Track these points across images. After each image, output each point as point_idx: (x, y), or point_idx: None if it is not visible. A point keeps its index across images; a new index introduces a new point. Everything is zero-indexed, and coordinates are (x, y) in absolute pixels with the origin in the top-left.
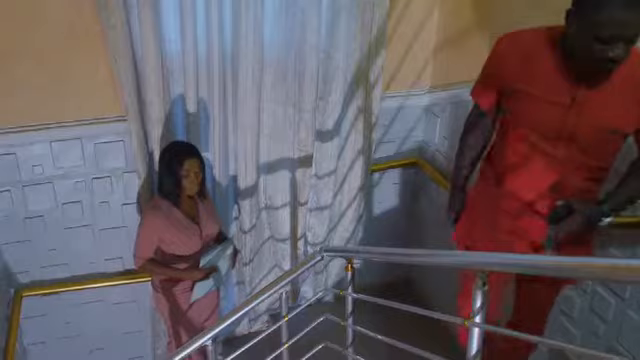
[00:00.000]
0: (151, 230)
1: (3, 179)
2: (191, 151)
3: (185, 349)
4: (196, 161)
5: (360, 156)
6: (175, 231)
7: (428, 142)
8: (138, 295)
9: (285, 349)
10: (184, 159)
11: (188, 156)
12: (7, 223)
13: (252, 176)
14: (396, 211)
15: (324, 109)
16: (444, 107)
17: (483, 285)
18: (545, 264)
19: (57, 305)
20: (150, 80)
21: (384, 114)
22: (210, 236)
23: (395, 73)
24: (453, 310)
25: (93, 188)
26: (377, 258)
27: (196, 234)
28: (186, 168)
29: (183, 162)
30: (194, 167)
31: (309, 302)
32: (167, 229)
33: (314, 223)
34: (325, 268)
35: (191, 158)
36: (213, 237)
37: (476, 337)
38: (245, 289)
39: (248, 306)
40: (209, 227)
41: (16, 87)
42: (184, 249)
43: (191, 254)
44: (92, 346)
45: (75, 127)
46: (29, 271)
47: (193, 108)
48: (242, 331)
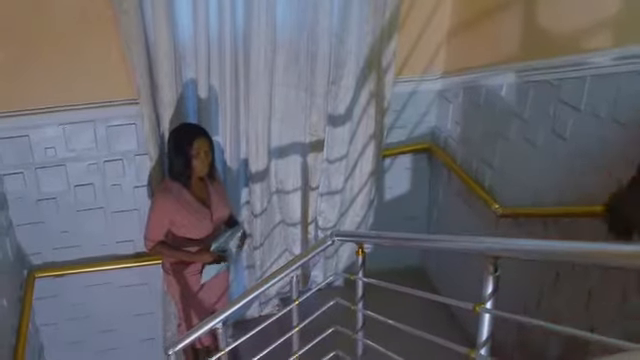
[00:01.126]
0: (162, 213)
1: (16, 161)
2: (200, 131)
3: (195, 332)
4: (205, 141)
5: (372, 141)
6: (186, 214)
7: (440, 128)
8: (149, 277)
9: (295, 332)
10: (193, 139)
11: (197, 136)
12: (20, 205)
13: (263, 160)
14: (407, 197)
15: (336, 93)
16: (457, 92)
17: (494, 271)
18: (553, 249)
19: (69, 286)
20: (162, 64)
21: (396, 99)
22: (221, 219)
23: (408, 58)
24: (463, 298)
25: (105, 171)
26: (388, 243)
27: (207, 217)
28: (195, 148)
29: (192, 142)
30: (203, 146)
31: (319, 286)
32: (178, 212)
33: (325, 208)
34: (336, 253)
35: (200, 138)
36: (224, 220)
37: (487, 323)
38: (255, 273)
39: (259, 290)
40: (220, 210)
41: (29, 70)
42: (195, 232)
43: (202, 237)
44: (103, 327)
45: (87, 110)
46: (41, 253)
47: (205, 92)
48: (252, 314)
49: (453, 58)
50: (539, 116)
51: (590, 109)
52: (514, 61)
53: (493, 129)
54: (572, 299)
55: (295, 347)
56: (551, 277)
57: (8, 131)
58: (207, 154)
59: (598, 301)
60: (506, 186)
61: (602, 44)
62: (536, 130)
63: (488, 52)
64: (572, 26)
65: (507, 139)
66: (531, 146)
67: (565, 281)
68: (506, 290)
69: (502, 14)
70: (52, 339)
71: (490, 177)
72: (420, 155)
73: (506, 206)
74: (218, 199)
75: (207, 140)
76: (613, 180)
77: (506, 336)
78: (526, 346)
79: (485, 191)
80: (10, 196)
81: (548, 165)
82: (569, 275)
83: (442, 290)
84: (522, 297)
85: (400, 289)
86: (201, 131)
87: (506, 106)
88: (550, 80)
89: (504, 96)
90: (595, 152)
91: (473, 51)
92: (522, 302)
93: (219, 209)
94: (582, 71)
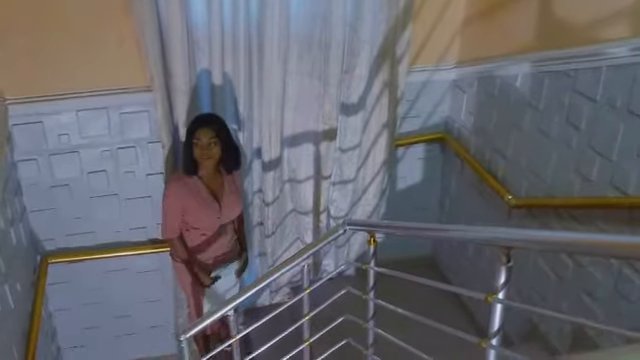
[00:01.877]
0: (175, 199)
1: (30, 147)
2: (206, 120)
3: (207, 318)
4: (208, 131)
5: (385, 130)
6: (195, 202)
7: (454, 117)
8: (161, 264)
9: (306, 321)
10: (196, 127)
11: (201, 125)
12: (34, 191)
13: (276, 148)
14: (420, 186)
15: (349, 82)
16: (471, 82)
17: (507, 261)
18: (567, 240)
19: (82, 272)
20: (175, 50)
21: (410, 89)
22: (229, 216)
23: (422, 47)
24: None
25: (118, 158)
26: (400, 232)
27: (215, 210)
28: (197, 136)
29: (195, 130)
30: (206, 136)
31: (330, 275)
32: (188, 198)
33: (337, 197)
34: (347, 242)
35: (204, 127)
36: (233, 218)
37: (498, 313)
38: (267, 261)
39: (270, 278)
40: (230, 206)
41: (42, 57)
42: (202, 223)
43: (209, 229)
44: (116, 313)
45: (101, 97)
46: (55, 239)
47: (218, 80)
48: (263, 302)
49: (468, 48)
50: (554, 107)
51: (606, 100)
52: (529, 51)
53: (507, 119)
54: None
55: (306, 335)
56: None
57: (22, 117)
58: (211, 144)
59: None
60: (519, 177)
61: (619, 34)
62: (550, 121)
63: (503, 42)
64: (588, 16)
65: (521, 129)
66: (545, 137)
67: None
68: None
69: (517, 4)
70: (65, 324)
71: (503, 168)
72: (433, 145)
73: (519, 197)
74: (231, 195)
75: (211, 130)
76: (627, 172)
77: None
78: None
79: (498, 182)
80: (24, 182)
81: (562, 156)
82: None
83: (453, 281)
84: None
85: (412, 279)
86: (207, 120)
87: (521, 96)
88: (565, 70)
89: (519, 86)
90: (610, 143)
91: (488, 41)
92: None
93: (229, 205)
94: (598, 62)
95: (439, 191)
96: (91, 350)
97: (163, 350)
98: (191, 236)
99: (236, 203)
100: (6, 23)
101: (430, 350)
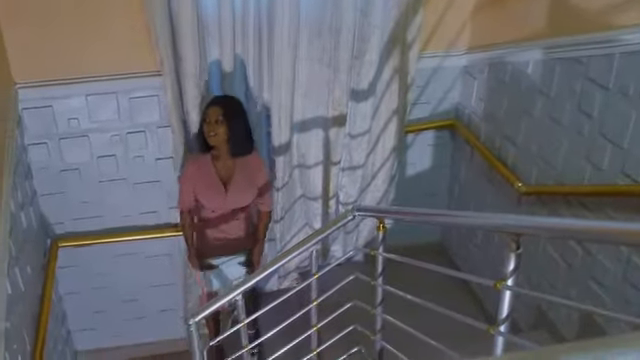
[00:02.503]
0: (187, 178)
1: (40, 131)
2: (216, 100)
3: (215, 303)
4: (217, 109)
5: (394, 116)
6: (202, 184)
7: (464, 104)
8: (171, 249)
9: (314, 306)
10: (209, 105)
11: (212, 103)
12: (44, 175)
13: (286, 134)
14: (429, 173)
15: (359, 68)
16: (482, 69)
17: (517, 248)
18: (577, 227)
19: (92, 256)
20: (185, 35)
21: (420, 74)
22: (237, 201)
23: (433, 33)
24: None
25: (128, 142)
26: (409, 219)
27: (220, 193)
28: (207, 113)
29: (207, 108)
30: (214, 114)
31: (339, 261)
32: (198, 180)
33: (346, 182)
34: (356, 228)
35: (214, 105)
36: (242, 204)
37: (507, 300)
38: (275, 246)
39: (278, 263)
40: (237, 192)
41: (52, 41)
42: (210, 204)
43: (215, 211)
44: (125, 297)
45: (111, 81)
46: (64, 222)
47: (228, 64)
48: (272, 287)
49: (479, 34)
50: (565, 94)
51: (618, 87)
52: (541, 38)
53: (518, 106)
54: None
55: (314, 321)
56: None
57: (32, 101)
58: (218, 122)
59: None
60: (529, 164)
61: (633, 20)
62: (562, 108)
63: (515, 28)
64: (601, 2)
65: (532, 116)
66: (556, 124)
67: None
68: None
69: None
70: (75, 308)
71: (513, 155)
72: (443, 131)
73: (529, 184)
74: (241, 182)
75: (220, 108)
76: (638, 160)
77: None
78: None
79: (508, 169)
80: (34, 166)
81: (573, 143)
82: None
83: (462, 268)
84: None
85: (421, 265)
86: (220, 100)
87: (532, 83)
88: (578, 57)
89: (530, 73)
90: (622, 131)
91: (499, 27)
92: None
93: (237, 191)
94: (611, 48)
95: (448, 178)
96: (101, 333)
97: (172, 334)
98: (203, 211)
99: (246, 190)
100: (17, 7)
101: (438, 337)
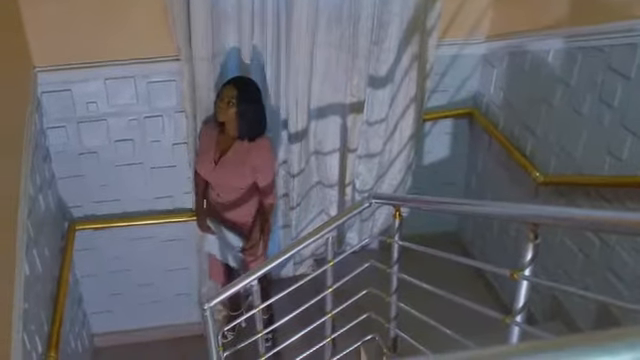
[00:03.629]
0: (201, 138)
1: (59, 115)
2: (234, 80)
3: (230, 289)
4: (232, 89)
5: (412, 104)
6: (202, 149)
7: (483, 93)
8: (186, 233)
9: (329, 293)
10: (225, 84)
11: (227, 83)
12: (62, 158)
13: (303, 120)
14: (446, 161)
15: (378, 55)
16: (502, 57)
17: (535, 238)
18: (596, 218)
19: (108, 240)
20: (202, 21)
21: (439, 62)
22: (222, 179)
23: (452, 20)
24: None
25: (145, 126)
26: (425, 207)
27: (210, 165)
28: (222, 91)
29: (223, 86)
30: (228, 94)
31: (354, 248)
32: (202, 142)
33: (363, 170)
34: (372, 215)
35: (229, 85)
36: (227, 185)
37: (524, 290)
38: (291, 233)
39: (294, 249)
40: (225, 172)
41: (72, 25)
42: (198, 169)
43: (207, 178)
44: (141, 281)
45: (129, 66)
46: (82, 206)
47: (246, 50)
48: (287, 274)
49: (499, 22)
50: (586, 83)
51: None
52: (563, 26)
53: (537, 95)
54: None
55: (329, 307)
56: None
57: (52, 85)
58: (229, 104)
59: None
60: (548, 154)
61: None
62: (582, 98)
63: (535, 16)
64: None
65: (551, 106)
66: (576, 114)
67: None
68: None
69: None
70: (91, 290)
71: (532, 144)
72: (461, 120)
73: (547, 174)
74: (232, 165)
75: (234, 89)
76: None
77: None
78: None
79: (526, 158)
80: (53, 149)
81: (593, 133)
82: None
83: (478, 258)
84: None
85: (437, 254)
86: (233, 80)
87: (552, 72)
88: (600, 46)
89: (550, 62)
90: None
91: (520, 15)
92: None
93: (225, 171)
94: (634, 37)
95: (466, 167)
96: (116, 316)
97: (187, 318)
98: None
99: (236, 173)
100: None
101: (452, 326)
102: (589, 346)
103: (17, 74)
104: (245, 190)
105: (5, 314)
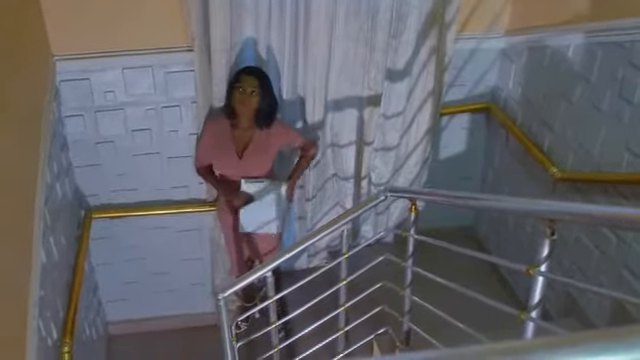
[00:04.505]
0: (206, 135)
1: (77, 104)
2: (251, 69)
3: (244, 279)
4: (254, 79)
5: (430, 98)
6: (217, 147)
7: (501, 87)
8: (202, 224)
9: (343, 286)
10: (242, 73)
11: (247, 72)
12: (80, 147)
13: (319, 113)
14: (463, 156)
15: (396, 48)
16: (521, 52)
17: (551, 234)
18: (615, 215)
19: (124, 228)
20: (218, 10)
21: (457, 56)
22: (250, 171)
23: (471, 14)
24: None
25: (162, 116)
26: (442, 201)
27: (233, 161)
28: (240, 82)
29: (240, 75)
30: (249, 84)
31: (369, 241)
32: (215, 139)
33: (379, 163)
34: (387, 209)
35: (250, 75)
36: (257, 174)
37: (539, 286)
38: (306, 224)
39: (309, 241)
40: (252, 163)
41: (90, 14)
42: (220, 170)
43: (231, 176)
44: (155, 270)
45: (147, 55)
46: (98, 194)
47: (263, 42)
48: (301, 265)
49: (518, 16)
50: (606, 79)
51: None
52: (583, 21)
53: (556, 91)
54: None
55: (342, 300)
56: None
57: (70, 74)
58: (252, 94)
59: None
60: (566, 150)
61: None
62: (602, 93)
63: (556, 11)
64: None
65: (570, 102)
66: (595, 110)
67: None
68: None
69: None
70: (107, 278)
71: (550, 140)
72: (478, 115)
73: (564, 170)
74: (257, 154)
75: (256, 79)
76: None
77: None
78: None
79: (544, 154)
80: (70, 137)
81: (612, 130)
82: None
83: (493, 254)
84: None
85: (453, 248)
86: (253, 70)
87: (572, 68)
88: (620, 42)
89: (570, 57)
90: None
91: (540, 9)
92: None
93: (252, 162)
94: None
95: (482, 162)
96: (131, 304)
97: (201, 308)
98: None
99: (262, 162)
100: None
101: (466, 321)
102: (606, 342)
103: (36, 62)
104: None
105: (22, 301)
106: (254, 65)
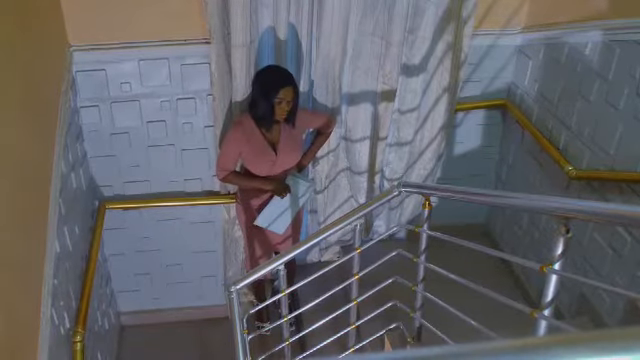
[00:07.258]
0: (234, 144)
1: (93, 94)
2: (288, 79)
3: (257, 272)
4: (291, 90)
5: (445, 94)
6: (251, 150)
7: (517, 84)
8: (214, 216)
9: (355, 280)
10: (280, 87)
11: (285, 84)
12: (95, 137)
13: (334, 107)
14: (478, 153)
15: (412, 43)
16: (538, 49)
17: (566, 232)
18: (631, 214)
19: (137, 220)
20: (237, 4)
21: (473, 52)
22: (284, 165)
23: (488, 10)
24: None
25: (177, 108)
26: (456, 197)
27: (270, 159)
28: (280, 96)
29: (279, 89)
30: (288, 96)
31: (382, 236)
32: (246, 144)
33: (393, 158)
34: (400, 204)
35: (287, 87)
36: (290, 167)
37: (553, 284)
38: (318, 218)
39: (322, 235)
40: (286, 156)
41: (107, 5)
42: (256, 169)
43: (263, 175)
44: (168, 261)
45: (163, 47)
46: (112, 185)
47: (280, 35)
48: (312, 259)
49: (536, 13)
50: (624, 78)
51: None
52: (602, 19)
53: (573, 89)
54: None
55: (354, 295)
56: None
57: (86, 64)
58: (289, 103)
59: None
60: (582, 148)
61: None
62: (619, 92)
63: (574, 8)
64: None
65: (587, 100)
66: (613, 108)
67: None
68: None
69: None
70: (119, 269)
71: (566, 138)
72: (494, 111)
73: (580, 169)
74: (288, 144)
75: (293, 89)
76: None
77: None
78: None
79: (559, 152)
80: (85, 128)
81: (629, 128)
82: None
83: (506, 252)
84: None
85: (466, 244)
86: (289, 79)
87: (589, 65)
88: (639, 40)
89: (588, 55)
90: None
91: (558, 6)
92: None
93: (285, 154)
94: None
95: (497, 159)
96: (143, 295)
97: (213, 300)
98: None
99: (293, 152)
100: None
101: (478, 318)
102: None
103: (53, 52)
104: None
105: (35, 289)
106: (273, 63)
